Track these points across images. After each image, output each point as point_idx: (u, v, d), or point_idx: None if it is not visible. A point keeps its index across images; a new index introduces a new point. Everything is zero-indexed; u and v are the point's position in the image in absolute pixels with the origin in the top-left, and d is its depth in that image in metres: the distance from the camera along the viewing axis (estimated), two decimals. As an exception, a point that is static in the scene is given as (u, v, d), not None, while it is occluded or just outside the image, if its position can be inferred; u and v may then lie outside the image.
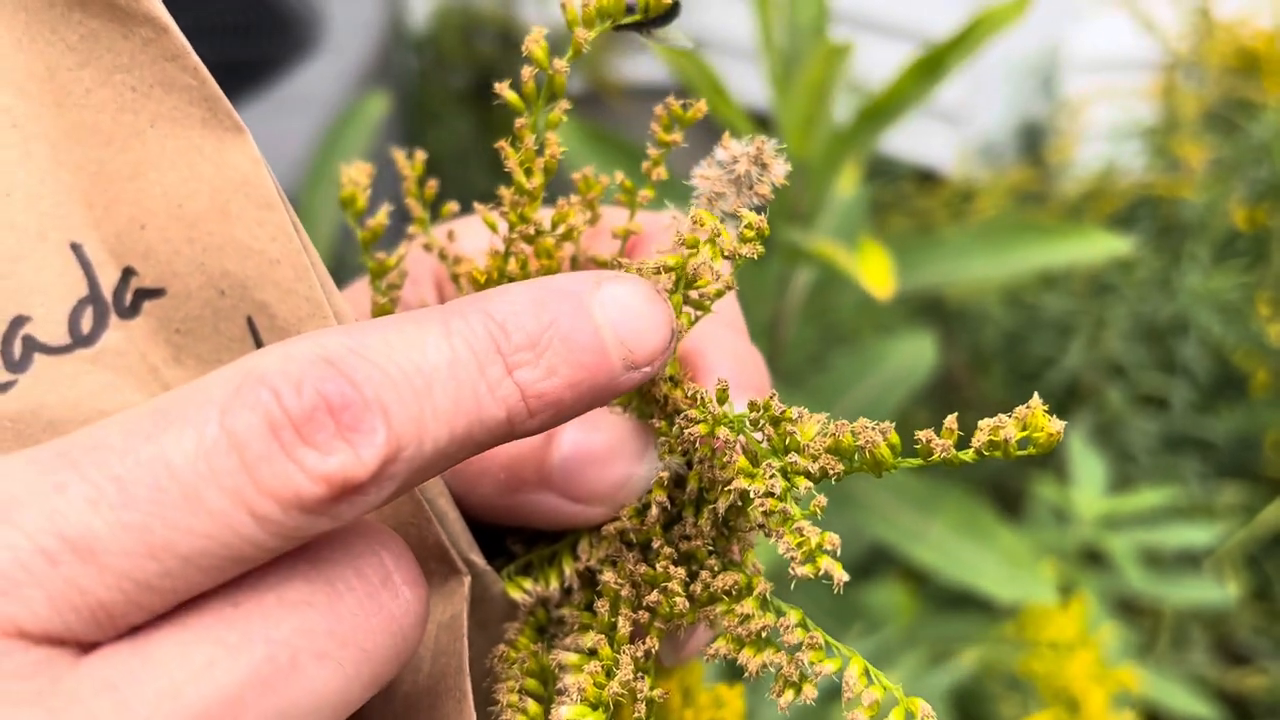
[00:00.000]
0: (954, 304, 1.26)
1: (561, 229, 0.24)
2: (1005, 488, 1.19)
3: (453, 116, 1.62)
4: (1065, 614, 0.92)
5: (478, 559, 0.22)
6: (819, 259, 0.44)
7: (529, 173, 0.23)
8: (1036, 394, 0.19)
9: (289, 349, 0.16)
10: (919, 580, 1.04)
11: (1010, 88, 1.57)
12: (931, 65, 0.47)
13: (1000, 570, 0.49)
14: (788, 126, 0.48)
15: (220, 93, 0.22)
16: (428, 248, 0.25)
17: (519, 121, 0.22)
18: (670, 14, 0.22)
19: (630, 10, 0.22)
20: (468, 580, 0.21)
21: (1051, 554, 0.97)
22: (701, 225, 0.20)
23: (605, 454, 0.21)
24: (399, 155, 0.25)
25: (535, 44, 0.22)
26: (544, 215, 0.24)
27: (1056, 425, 0.19)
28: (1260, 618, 1.24)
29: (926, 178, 1.63)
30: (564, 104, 0.22)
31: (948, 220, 1.34)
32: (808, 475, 0.20)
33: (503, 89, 0.23)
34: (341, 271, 1.03)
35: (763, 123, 0.49)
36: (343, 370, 0.16)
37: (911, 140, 1.66)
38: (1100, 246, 0.50)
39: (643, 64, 2.08)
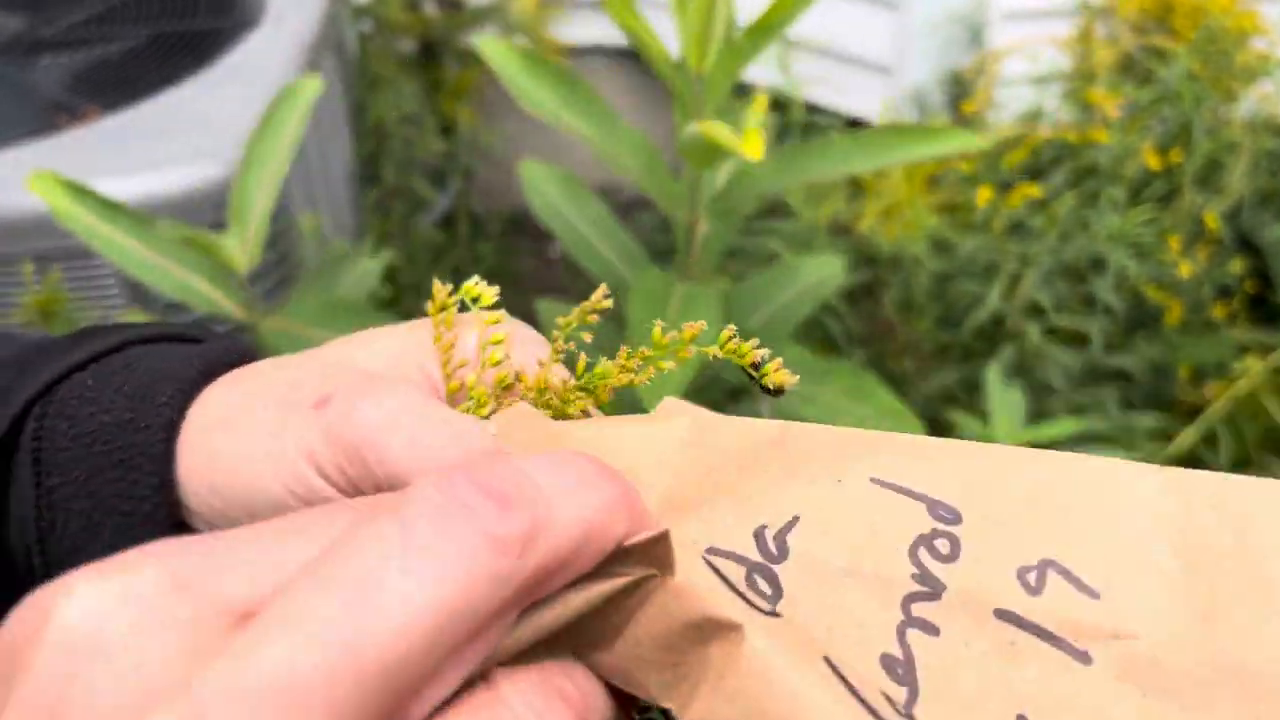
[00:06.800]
0: (886, 252, 1.32)
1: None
2: (935, 421, 1.26)
3: (400, 81, 1.64)
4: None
5: None
6: (709, 142, 0.50)
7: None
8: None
9: None
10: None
11: (939, 38, 1.62)
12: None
13: (880, 422, 0.57)
14: (685, 43, 0.53)
15: None
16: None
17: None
18: (778, 392, 0.27)
19: (756, 368, 0.26)
20: None
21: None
22: None
23: None
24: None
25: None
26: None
27: None
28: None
29: (857, 127, 1.68)
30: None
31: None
32: None
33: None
34: (283, 266, 1.06)
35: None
36: None
37: (842, 91, 1.71)
38: (957, 142, 0.58)
39: (582, 25, 2.10)
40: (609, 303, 0.28)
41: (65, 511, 0.28)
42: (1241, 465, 1.30)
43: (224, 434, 0.28)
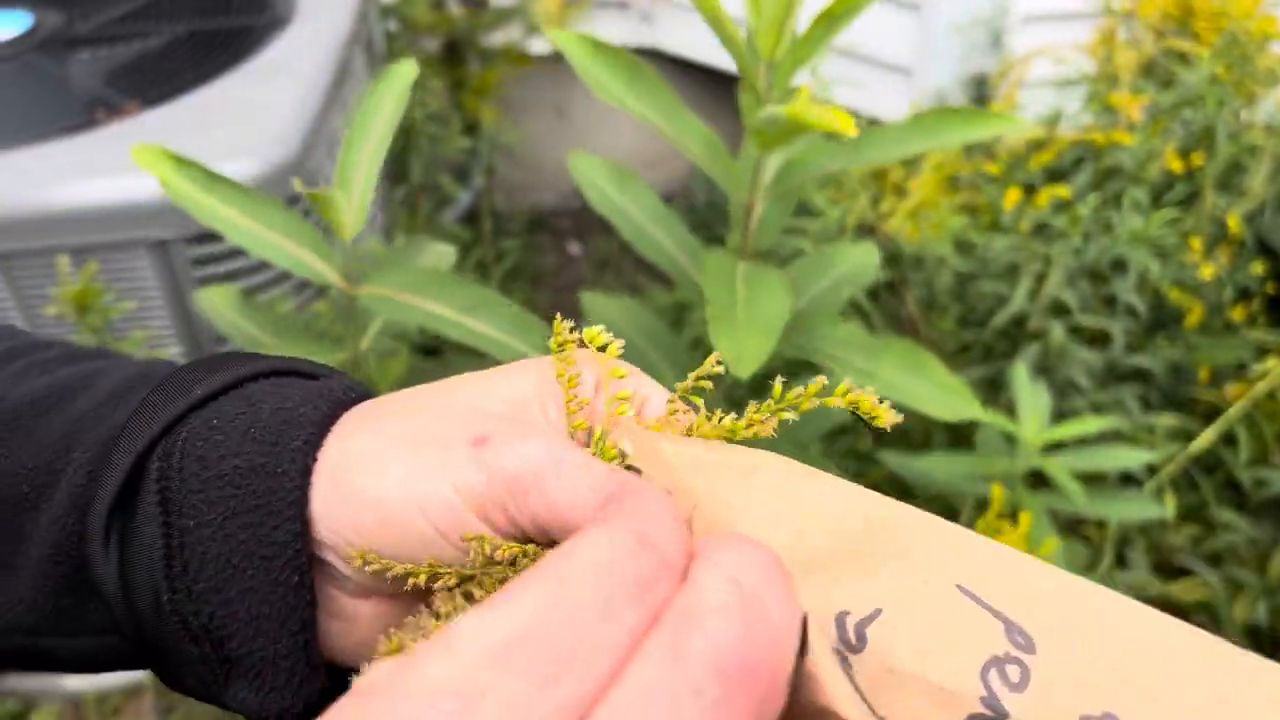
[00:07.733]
0: (910, 251, 1.34)
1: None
2: (959, 420, 1.27)
3: (426, 79, 1.66)
4: (1012, 532, 1.01)
5: None
6: (790, 123, 0.52)
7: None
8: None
9: None
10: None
11: (960, 41, 1.64)
12: (876, -23, 0.57)
13: (937, 396, 0.60)
14: (759, 31, 0.56)
15: None
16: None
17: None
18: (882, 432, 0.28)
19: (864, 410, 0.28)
20: None
21: (1001, 478, 1.06)
22: None
23: None
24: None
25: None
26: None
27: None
28: (1196, 533, 1.34)
29: (883, 130, 1.69)
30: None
31: (899, 168, 1.42)
32: None
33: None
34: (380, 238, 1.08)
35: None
36: None
37: (864, 92, 1.72)
38: (1008, 126, 0.61)
39: (603, 25, 2.12)
40: (720, 368, 0.29)
41: (200, 554, 0.29)
42: (1259, 465, 1.31)
43: (365, 474, 0.29)
